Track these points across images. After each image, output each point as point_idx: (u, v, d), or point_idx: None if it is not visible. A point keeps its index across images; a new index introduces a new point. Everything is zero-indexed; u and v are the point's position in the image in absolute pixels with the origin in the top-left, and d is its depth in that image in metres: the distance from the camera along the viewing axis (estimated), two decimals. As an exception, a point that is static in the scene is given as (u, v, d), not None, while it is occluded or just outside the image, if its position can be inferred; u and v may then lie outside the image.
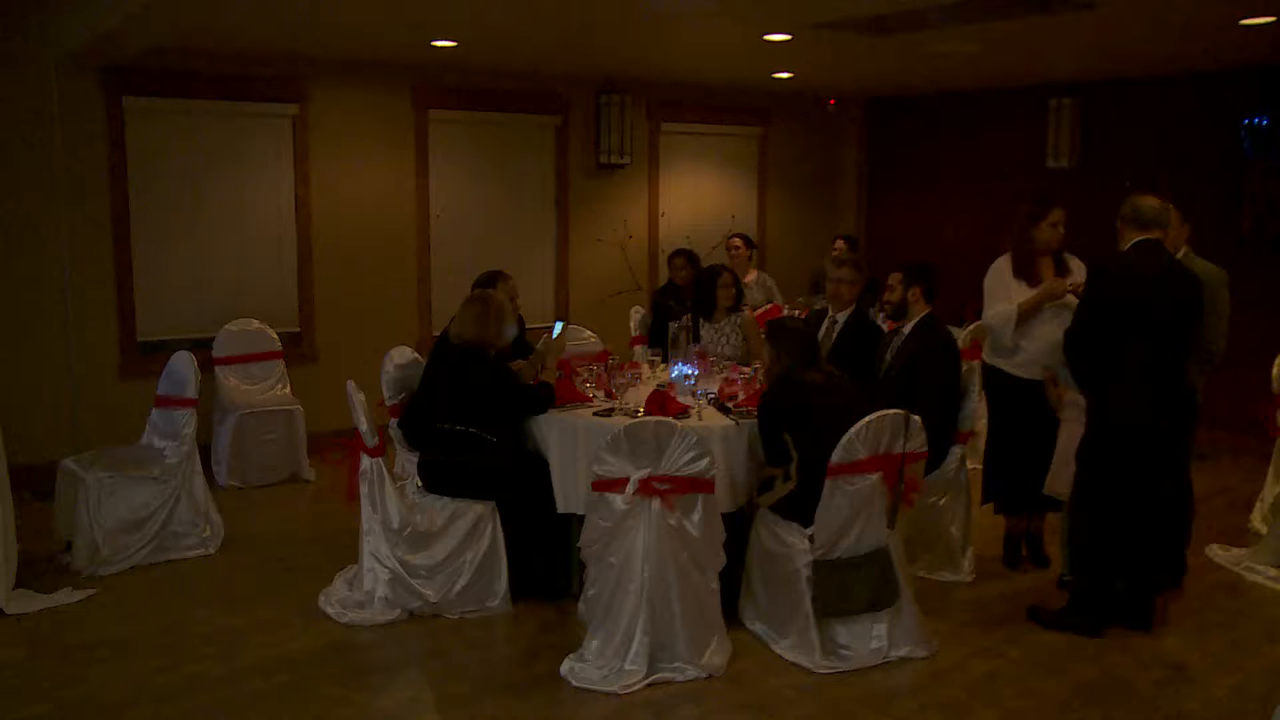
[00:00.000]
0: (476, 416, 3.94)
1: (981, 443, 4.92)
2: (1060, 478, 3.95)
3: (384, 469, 3.90)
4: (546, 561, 4.02)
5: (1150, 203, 3.70)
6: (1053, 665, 3.57)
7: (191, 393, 4.51)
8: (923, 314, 4.27)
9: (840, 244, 7.00)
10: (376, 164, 6.55)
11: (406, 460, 4.40)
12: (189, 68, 5.84)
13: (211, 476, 5.47)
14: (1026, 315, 4.13)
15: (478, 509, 3.87)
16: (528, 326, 5.37)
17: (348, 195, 6.46)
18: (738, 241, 7.12)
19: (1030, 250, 4.17)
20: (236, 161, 6.12)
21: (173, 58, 5.70)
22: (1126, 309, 3.58)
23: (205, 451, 5.26)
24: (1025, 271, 4.16)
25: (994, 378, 4.34)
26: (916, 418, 3.52)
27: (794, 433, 3.60)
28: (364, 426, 3.92)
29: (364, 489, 3.91)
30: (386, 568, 3.84)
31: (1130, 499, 3.69)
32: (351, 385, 4.00)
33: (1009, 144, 7.67)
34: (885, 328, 4.95)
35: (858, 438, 3.41)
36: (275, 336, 6.05)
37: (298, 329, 6.39)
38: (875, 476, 3.46)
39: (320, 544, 4.70)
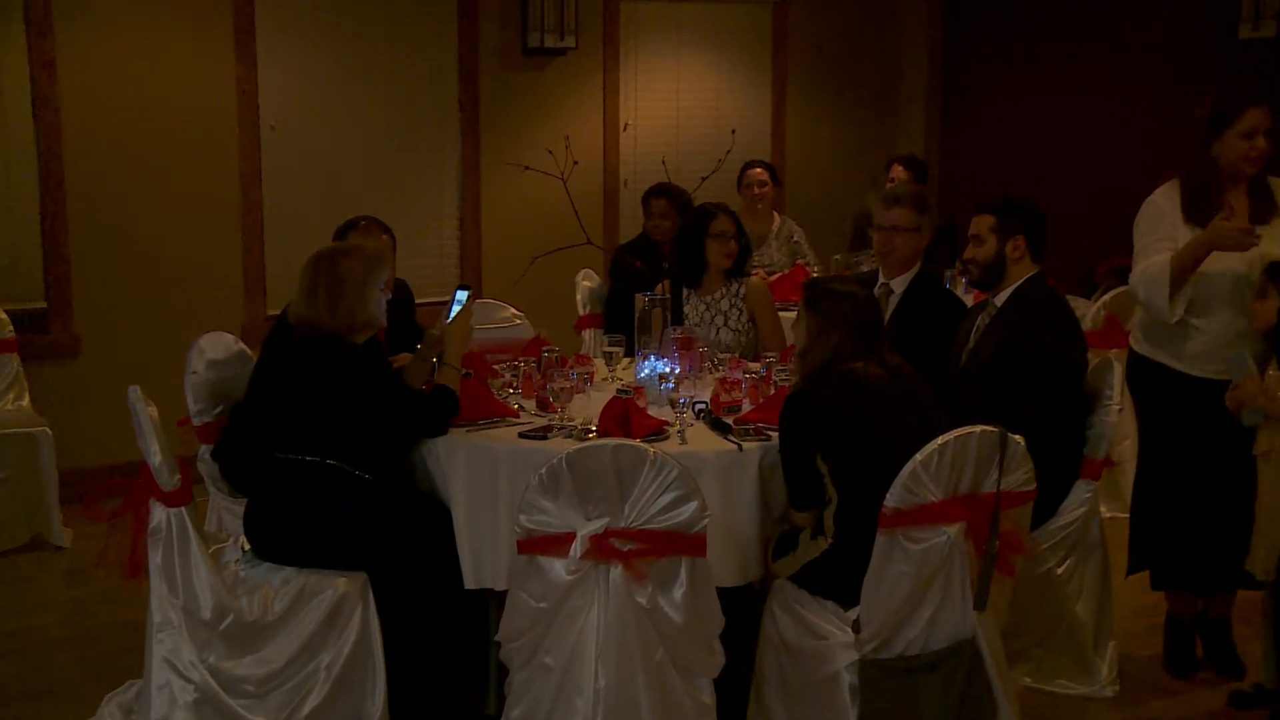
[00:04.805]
0: (336, 440, 3.92)
1: (1127, 478, 4.96)
2: (1269, 549, 3.98)
3: (189, 524, 3.87)
4: (448, 666, 4.02)
5: None
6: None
7: None
8: (1027, 276, 4.31)
9: (899, 172, 7.04)
10: (170, 44, 6.50)
11: (225, 510, 4.37)
12: None
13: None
14: (1185, 275, 4.15)
15: (339, 585, 3.85)
16: (417, 301, 5.36)
17: (123, 95, 6.41)
18: (762, 174, 7.15)
19: (1211, 175, 4.21)
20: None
21: None
22: None
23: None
24: (1203, 208, 4.18)
25: (1149, 377, 4.39)
26: (1018, 439, 3.55)
27: (835, 459, 3.61)
28: (156, 459, 3.89)
29: (155, 558, 3.86)
30: (190, 682, 3.81)
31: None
32: (135, 394, 3.96)
33: (1168, 5, 7.65)
34: (969, 299, 4.99)
35: (926, 470, 3.43)
36: (4, 318, 6.00)
37: (43, 305, 6.33)
38: (954, 529, 3.49)
39: (80, 648, 4.63)
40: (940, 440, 3.44)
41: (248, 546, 4.00)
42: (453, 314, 4.27)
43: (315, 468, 3.92)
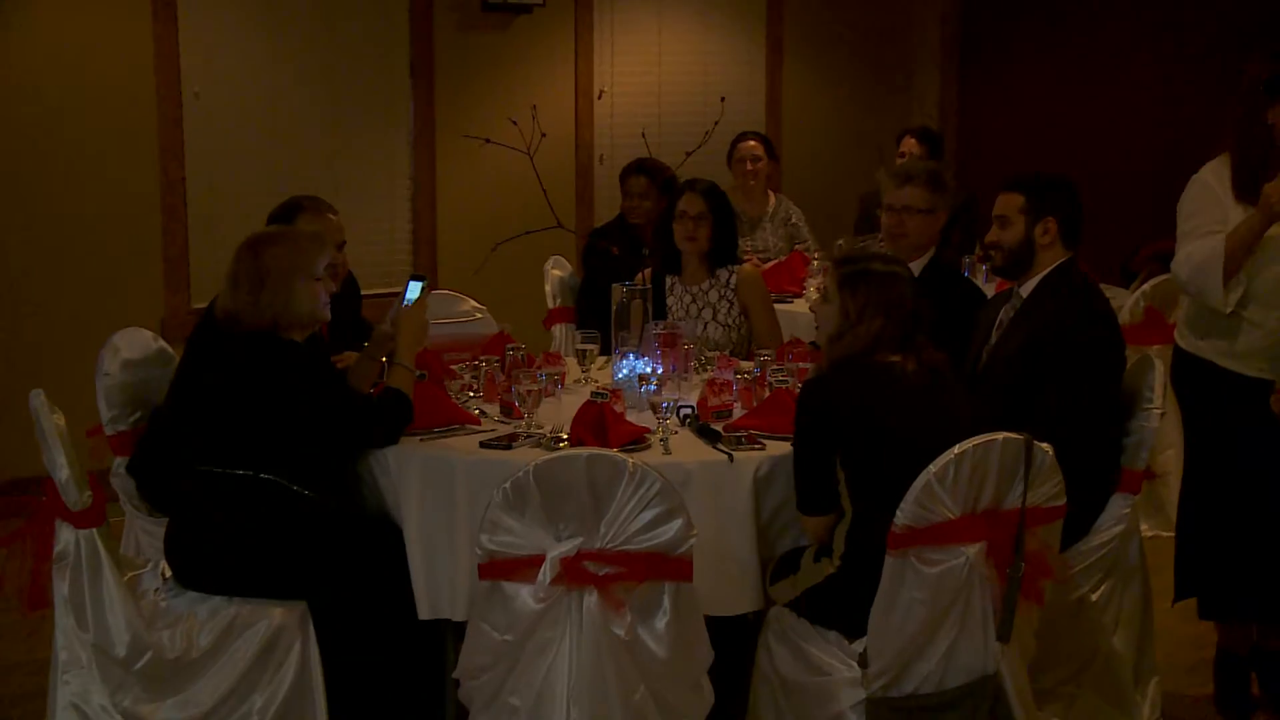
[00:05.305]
0: (271, 452, 3.92)
1: (1170, 491, 4.97)
2: None
3: (100, 548, 3.85)
4: (399, 707, 4.01)
5: None
6: None
7: None
8: (1056, 264, 4.32)
9: (911, 145, 7.06)
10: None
11: (143, 531, 4.36)
12: None
13: None
14: (1242, 256, 4.15)
15: (275, 616, 3.84)
16: (364, 293, 5.35)
17: (19, 55, 6.37)
18: (755, 148, 7.15)
19: (1267, 146, 4.20)
20: None
21: None
22: None
23: None
24: (1256, 183, 4.18)
25: (1196, 376, 4.41)
26: (1046, 447, 3.56)
27: (854, 463, 3.62)
28: (63, 473, 3.87)
29: (61, 587, 3.85)
30: (103, 729, 3.82)
31: None
32: (39, 400, 3.95)
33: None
34: (990, 289, 5.01)
35: (942, 483, 3.44)
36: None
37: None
38: (974, 550, 3.50)
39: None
40: (958, 449, 3.43)
41: (169, 573, 3.99)
42: (408, 303, 4.26)
43: (247, 483, 3.91)
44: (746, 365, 4.56)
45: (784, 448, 3.85)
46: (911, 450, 3.51)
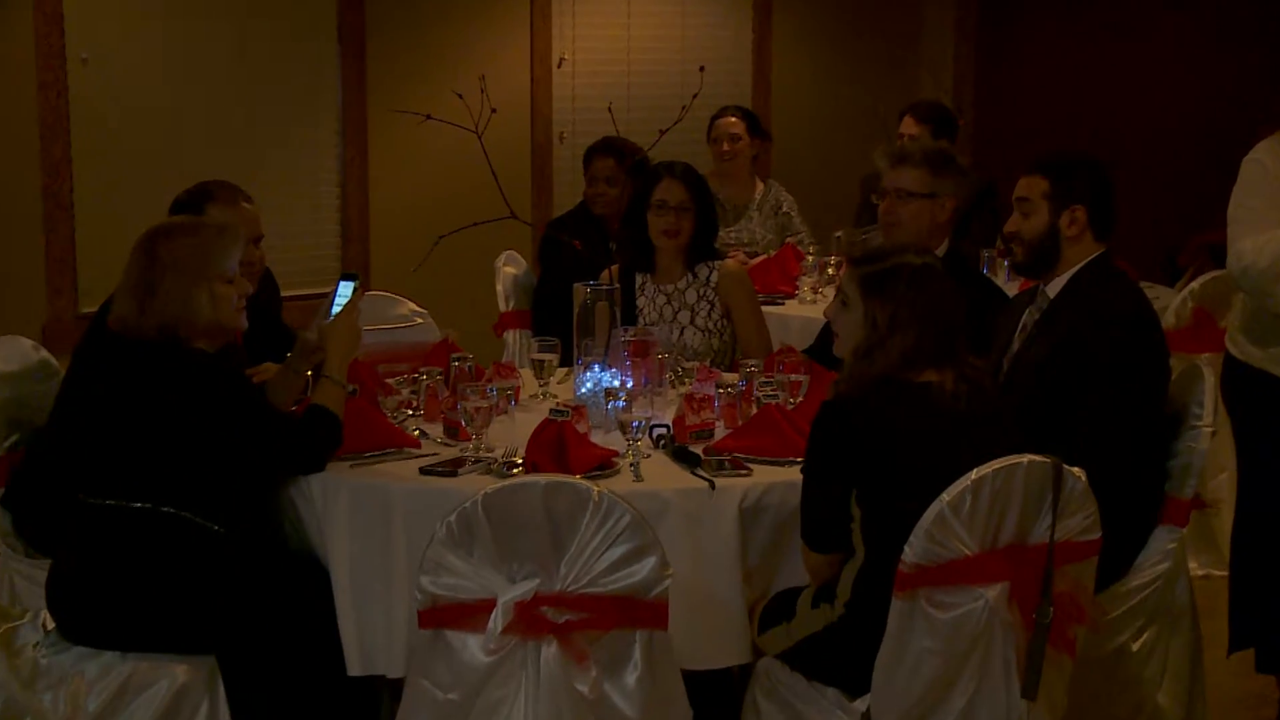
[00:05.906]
0: (174, 480, 3.91)
1: (1224, 523, 4.99)
2: None
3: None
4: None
5: None
6: None
7: None
8: (1088, 259, 4.35)
9: (909, 125, 7.08)
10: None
11: (20, 576, 4.35)
12: None
13: None
14: None
15: (178, 675, 3.84)
16: (285, 295, 5.34)
17: None
18: (735, 124, 7.15)
19: None
20: None
21: None
22: None
23: None
24: None
25: (1251, 390, 4.46)
26: (1077, 472, 3.58)
27: (871, 502, 3.62)
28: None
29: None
30: (-26, 808, 3.81)
31: None
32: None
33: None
34: (1012, 288, 5.03)
35: (957, 513, 3.44)
36: None
37: None
38: (994, 592, 3.51)
39: None
40: (975, 474, 3.43)
41: (51, 625, 3.98)
42: (334, 312, 4.27)
43: (145, 517, 3.90)
44: (730, 377, 4.57)
45: (774, 474, 3.87)
46: (943, 483, 3.45)
